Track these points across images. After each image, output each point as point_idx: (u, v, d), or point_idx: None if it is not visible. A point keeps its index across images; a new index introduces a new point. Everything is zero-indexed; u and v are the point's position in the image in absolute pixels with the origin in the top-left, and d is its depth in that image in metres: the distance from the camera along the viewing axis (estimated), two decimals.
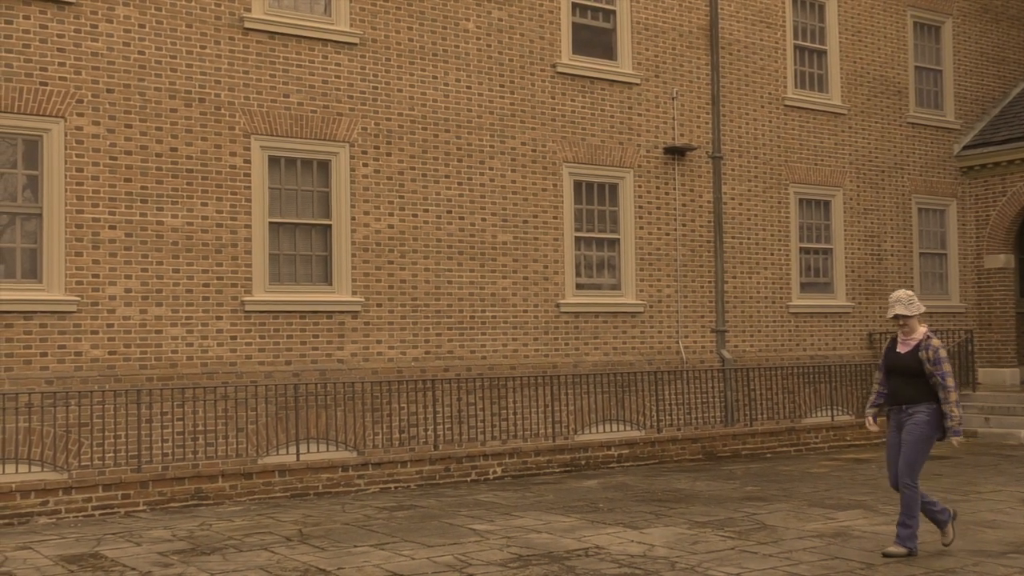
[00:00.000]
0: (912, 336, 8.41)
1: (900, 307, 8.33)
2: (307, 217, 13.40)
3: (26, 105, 11.63)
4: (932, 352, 8.25)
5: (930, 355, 8.24)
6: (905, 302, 8.36)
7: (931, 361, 8.23)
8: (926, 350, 8.27)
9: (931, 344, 8.29)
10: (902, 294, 8.39)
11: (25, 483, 10.26)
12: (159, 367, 12.21)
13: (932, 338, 8.36)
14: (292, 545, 8.89)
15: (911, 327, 8.41)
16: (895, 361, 8.44)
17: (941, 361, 8.22)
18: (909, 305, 8.36)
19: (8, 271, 11.60)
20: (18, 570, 8.08)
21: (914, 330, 8.42)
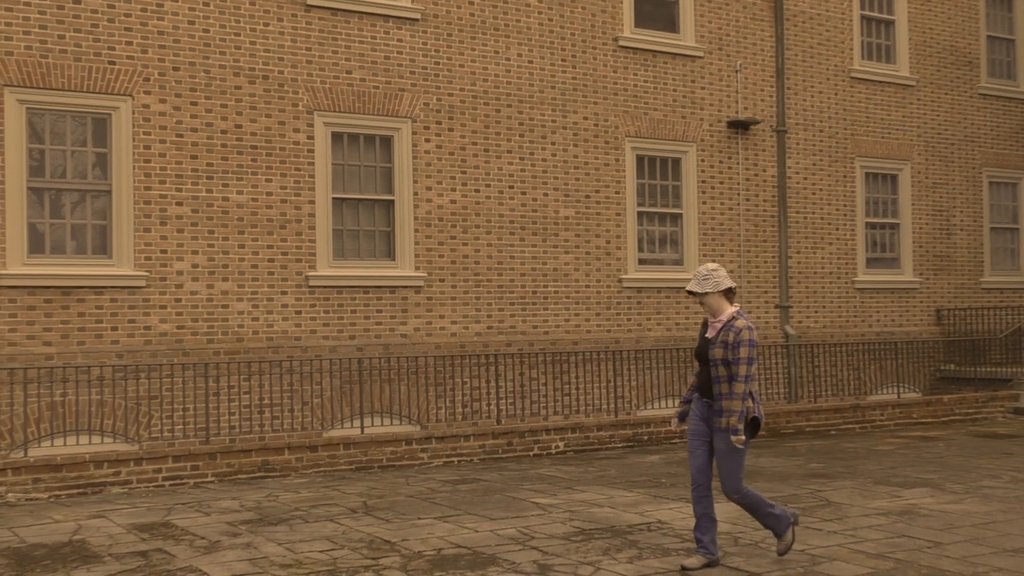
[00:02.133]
0: (719, 318, 7.04)
1: (692, 283, 7.05)
2: (370, 193, 13.48)
3: (95, 84, 11.82)
4: (734, 335, 6.86)
5: (730, 338, 6.87)
6: (700, 277, 7.04)
7: (731, 345, 6.86)
8: (728, 331, 6.91)
9: (734, 326, 6.91)
10: (701, 268, 7.10)
11: (98, 454, 10.48)
12: (226, 341, 12.39)
13: (739, 318, 6.95)
14: (357, 517, 9.00)
15: (713, 307, 7.03)
16: (702, 348, 7.11)
17: (740, 345, 6.82)
18: (703, 281, 7.01)
19: (79, 247, 11.82)
20: (92, 538, 8.27)
21: (720, 310, 7.03)
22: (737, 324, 6.90)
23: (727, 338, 6.89)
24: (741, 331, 6.86)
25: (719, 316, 7.02)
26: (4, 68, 11.35)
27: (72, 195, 11.84)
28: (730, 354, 6.85)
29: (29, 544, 8.09)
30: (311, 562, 7.36)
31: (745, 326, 6.88)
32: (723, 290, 7.01)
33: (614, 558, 7.35)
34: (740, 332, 6.86)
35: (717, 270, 7.05)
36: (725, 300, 7.04)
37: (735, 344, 6.85)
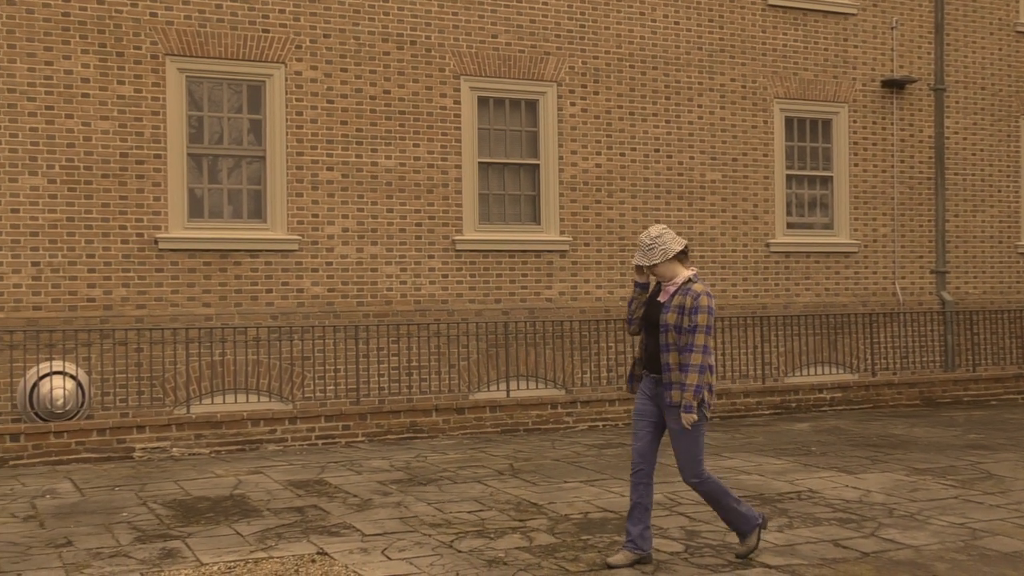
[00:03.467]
0: (673, 281, 6.32)
1: (637, 255, 6.34)
2: (515, 157, 13.50)
3: (250, 52, 12.12)
4: (691, 299, 6.16)
5: (687, 302, 6.17)
6: (644, 248, 6.30)
7: (687, 310, 6.16)
8: (685, 295, 6.21)
9: (691, 289, 6.21)
10: (644, 236, 6.33)
11: (255, 412, 10.84)
12: (375, 304, 12.63)
13: (696, 282, 6.26)
14: (504, 479, 9.09)
15: (665, 275, 6.32)
16: (652, 313, 6.36)
17: (698, 311, 6.12)
18: (649, 251, 6.27)
19: (236, 211, 12.19)
20: (251, 492, 8.57)
21: (674, 274, 6.31)
22: (695, 288, 6.20)
23: (683, 303, 6.17)
24: (699, 296, 6.15)
25: (673, 280, 6.31)
26: (165, 38, 11.73)
27: (228, 161, 12.19)
28: (686, 320, 6.14)
29: (194, 496, 8.44)
30: (460, 522, 7.47)
31: (703, 291, 6.18)
32: (674, 256, 6.27)
33: None
34: (699, 297, 6.15)
35: (661, 235, 6.27)
36: (678, 264, 6.31)
37: (692, 310, 6.13)
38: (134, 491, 8.69)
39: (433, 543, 6.88)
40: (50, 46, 11.29)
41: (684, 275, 6.30)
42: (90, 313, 11.38)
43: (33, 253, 11.21)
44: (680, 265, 6.32)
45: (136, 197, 11.63)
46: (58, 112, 11.32)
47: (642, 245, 6.30)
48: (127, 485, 8.96)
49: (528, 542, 6.89)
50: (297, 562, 6.46)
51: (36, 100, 11.24)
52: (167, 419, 10.47)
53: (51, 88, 11.29)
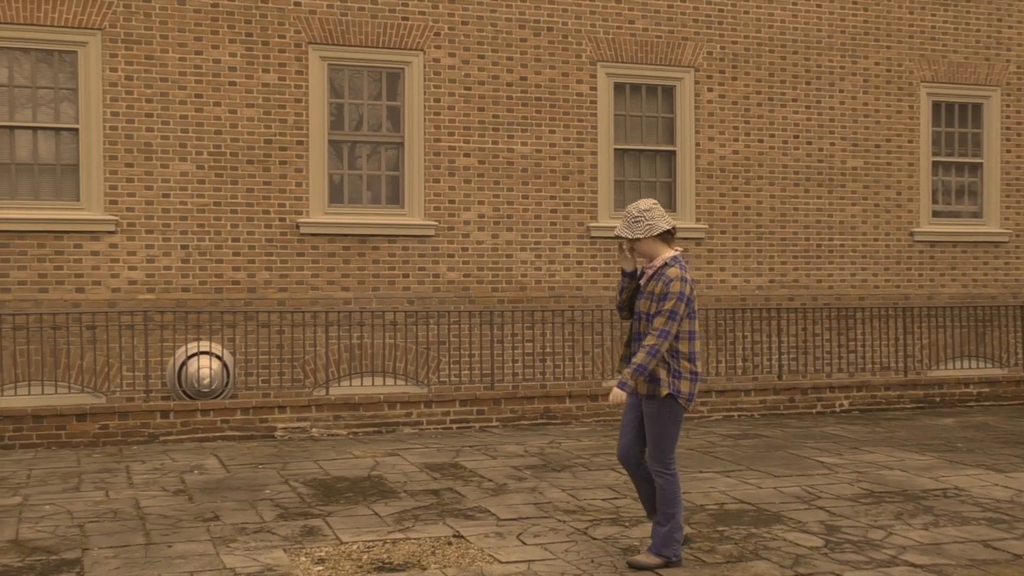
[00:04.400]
0: (652, 264, 5.98)
1: (621, 225, 6.01)
2: (651, 143, 13.38)
3: (389, 40, 12.28)
4: (663, 284, 5.83)
5: (659, 289, 5.85)
6: (630, 219, 5.95)
7: (658, 297, 5.85)
8: (658, 281, 5.88)
9: (664, 274, 5.86)
10: (632, 207, 5.99)
11: (391, 395, 11.02)
12: (509, 290, 12.69)
13: (672, 266, 5.88)
14: None
15: (647, 253, 5.95)
16: (634, 299, 6.13)
17: (668, 297, 5.77)
18: (634, 224, 5.92)
19: (374, 197, 12.39)
20: (388, 474, 8.72)
21: (656, 254, 5.96)
22: (668, 273, 5.83)
23: (654, 288, 5.87)
24: (672, 281, 5.79)
25: (652, 261, 5.97)
26: (308, 27, 11.98)
27: (367, 147, 12.40)
28: (655, 305, 5.84)
29: (333, 476, 8.63)
30: (594, 509, 7.46)
31: (678, 276, 5.80)
32: (659, 234, 5.91)
33: (907, 523, 7.05)
34: (670, 283, 5.79)
35: (651, 210, 5.93)
36: (662, 244, 5.94)
37: (662, 296, 5.81)
38: (276, 469, 8.93)
39: (568, 529, 6.89)
40: (200, 36, 11.65)
41: (663, 257, 5.92)
42: (235, 295, 11.73)
43: (182, 237, 11.61)
44: (664, 246, 5.95)
45: (279, 183, 11.93)
46: (206, 100, 11.68)
47: (627, 217, 5.96)
48: (269, 463, 9.22)
49: None
50: (434, 544, 6.54)
51: (186, 88, 11.62)
52: (307, 400, 10.73)
53: (200, 77, 11.66)
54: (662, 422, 5.93)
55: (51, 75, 11.30)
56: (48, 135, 11.32)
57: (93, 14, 11.29)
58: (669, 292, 5.79)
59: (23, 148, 11.25)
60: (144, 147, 11.49)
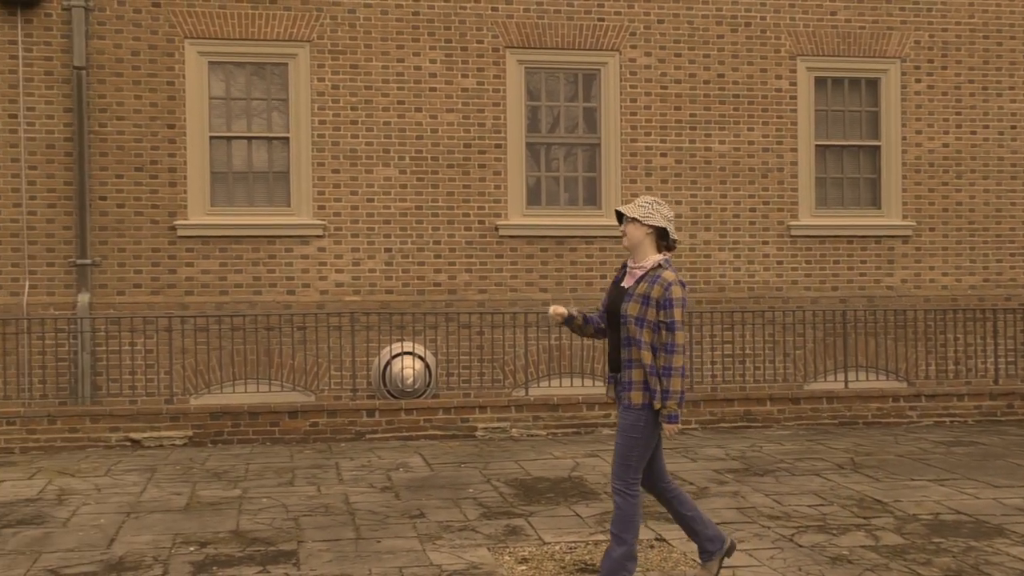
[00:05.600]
0: (639, 263, 5.43)
1: (629, 204, 5.57)
2: (854, 138, 12.95)
3: (585, 41, 12.31)
4: (660, 289, 5.26)
5: (655, 292, 5.27)
6: (640, 202, 5.48)
7: (658, 303, 5.26)
8: (652, 284, 5.30)
9: (660, 277, 5.30)
10: (644, 197, 5.54)
11: (590, 396, 11.04)
12: (708, 291, 12.52)
13: (666, 268, 5.34)
14: (844, 473, 8.76)
15: (634, 242, 5.43)
16: (615, 300, 5.48)
17: (672, 304, 5.24)
18: (639, 206, 5.45)
19: (571, 198, 12.44)
20: (588, 475, 8.74)
21: (643, 251, 5.43)
22: (664, 276, 5.28)
23: (649, 292, 5.28)
24: (671, 286, 5.25)
25: (640, 261, 5.42)
26: (505, 31, 12.14)
27: (562, 149, 12.46)
28: (651, 313, 5.26)
29: (533, 476, 8.71)
30: (799, 516, 7.27)
31: (676, 280, 5.28)
32: (654, 227, 5.40)
33: None
34: (670, 288, 5.25)
35: (660, 205, 5.44)
36: (653, 243, 5.43)
37: (664, 303, 5.25)
38: (478, 468, 9.08)
39: (772, 536, 6.74)
40: (401, 44, 11.97)
41: (654, 259, 5.38)
42: (436, 297, 12.00)
43: (386, 240, 11.95)
44: (654, 247, 5.43)
45: (478, 186, 12.13)
46: (408, 106, 11.99)
47: (638, 200, 5.50)
48: (471, 462, 9.38)
49: (874, 541, 6.60)
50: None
51: (389, 96, 11.95)
52: (507, 400, 10.87)
53: (402, 84, 11.97)
54: (636, 433, 5.36)
55: (263, 87, 11.83)
56: (261, 144, 11.85)
57: (302, 27, 11.76)
58: (671, 299, 5.24)
59: (239, 157, 11.82)
60: (349, 153, 11.89)
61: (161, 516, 7.38)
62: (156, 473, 8.93)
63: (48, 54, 11.34)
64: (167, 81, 11.56)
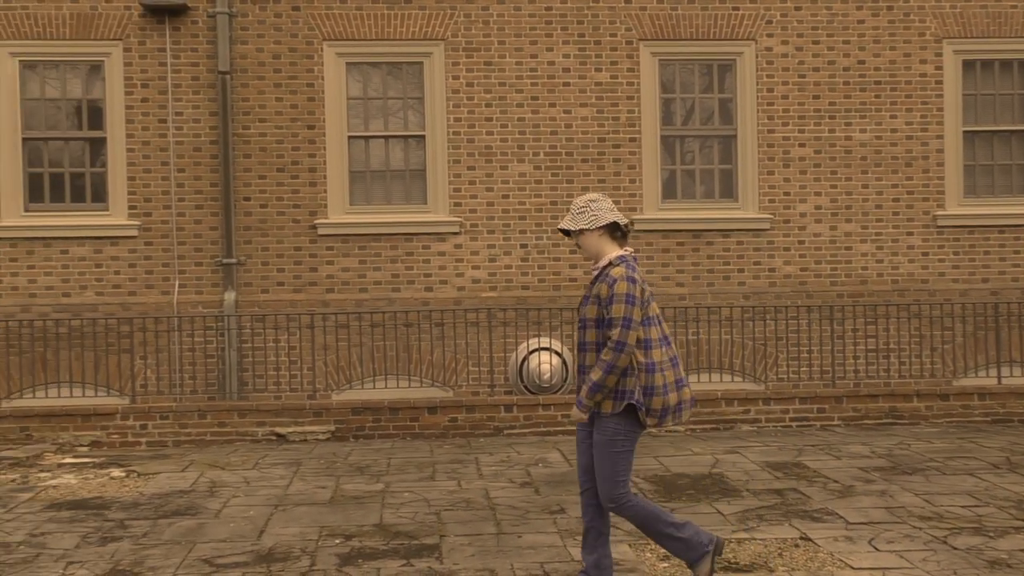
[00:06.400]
0: (598, 263, 5.30)
1: (566, 218, 5.36)
2: (1006, 123, 12.43)
3: (720, 31, 12.12)
4: (607, 287, 5.11)
5: (603, 292, 5.12)
6: (575, 210, 5.31)
7: (603, 301, 5.12)
8: (602, 283, 5.16)
9: (608, 274, 5.16)
10: (576, 199, 5.37)
11: (728, 391, 10.88)
12: (849, 284, 12.20)
13: (617, 265, 5.18)
14: (1000, 473, 8.42)
15: (590, 250, 5.29)
16: (581, 306, 5.35)
17: (613, 300, 5.05)
18: (579, 214, 5.28)
19: (707, 191, 12.28)
20: (728, 472, 8.61)
21: (600, 254, 5.28)
22: (612, 273, 5.13)
23: (599, 291, 5.16)
24: (616, 282, 5.08)
25: (599, 262, 5.29)
26: (639, 23, 12.04)
27: (698, 141, 12.30)
28: (605, 311, 5.10)
29: (673, 473, 8.63)
30: (953, 517, 7.02)
31: (623, 275, 5.09)
32: (603, 227, 5.25)
33: None
34: (615, 284, 5.08)
35: (597, 201, 5.29)
36: (608, 240, 5.27)
37: (608, 300, 5.08)
38: None
39: (924, 537, 6.52)
40: (535, 40, 11.98)
41: (608, 257, 5.25)
42: (572, 292, 11.98)
43: (521, 236, 11.99)
44: (612, 244, 5.28)
45: (613, 180, 12.06)
46: (542, 102, 12.00)
47: (574, 207, 5.34)
48: None
49: None
50: (780, 545, 6.38)
51: (523, 92, 11.98)
52: None
53: (536, 79, 11.99)
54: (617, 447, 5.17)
55: (399, 86, 12.00)
56: (397, 143, 12.02)
57: (437, 26, 11.88)
58: (614, 295, 5.07)
59: (376, 156, 12.01)
60: (484, 150, 11.97)
61: (307, 509, 7.55)
62: (301, 467, 9.14)
63: (195, 60, 11.72)
64: (307, 83, 11.83)
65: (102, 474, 8.92)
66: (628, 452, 5.20)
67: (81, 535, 6.89)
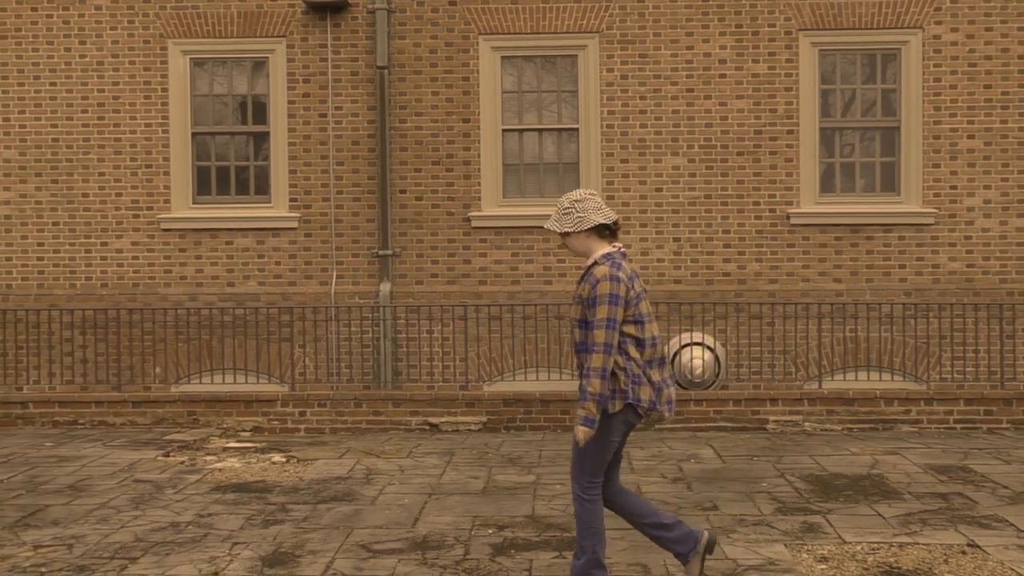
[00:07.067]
0: (586, 263, 5.22)
1: (551, 218, 5.24)
2: None
3: (885, 19, 11.74)
4: (590, 286, 5.02)
5: (586, 292, 5.04)
6: (561, 211, 5.20)
7: (587, 301, 5.02)
8: (585, 283, 5.09)
9: (591, 274, 5.06)
10: (563, 198, 5.23)
11: (888, 391, 10.55)
12: (1020, 281, 11.68)
13: (600, 264, 5.07)
14: None
15: (578, 250, 5.22)
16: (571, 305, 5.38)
17: (596, 301, 4.96)
18: (564, 215, 5.17)
19: (867, 185, 11.91)
20: (889, 473, 8.34)
21: (589, 252, 5.19)
22: (595, 273, 5.04)
23: (583, 291, 5.08)
24: (599, 282, 4.98)
25: (587, 261, 5.22)
26: (799, 13, 11.75)
27: (858, 133, 11.94)
28: (588, 313, 5.02)
29: (830, 473, 8.41)
30: None
31: (605, 275, 4.98)
32: (590, 228, 5.14)
33: None
34: (597, 284, 4.98)
35: (583, 200, 5.17)
36: (596, 239, 5.17)
37: (590, 300, 4.99)
38: (771, 462, 8.86)
39: None
40: (691, 31, 11.83)
41: (594, 256, 5.16)
42: (725, 287, 11.81)
43: (674, 229, 11.87)
44: (600, 243, 5.19)
45: (769, 173, 11.82)
46: (697, 94, 11.84)
47: (558, 207, 5.25)
48: (763, 456, 9.17)
49: None
50: (945, 552, 6.15)
51: (678, 84, 11.85)
52: (799, 393, 10.55)
53: (691, 71, 11.84)
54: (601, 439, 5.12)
55: (552, 79, 12.01)
56: (550, 135, 12.05)
57: (592, 18, 11.84)
58: (597, 295, 4.98)
59: (529, 149, 12.06)
60: (638, 143, 11.88)
61: (460, 498, 7.64)
62: (454, 456, 9.26)
63: (354, 55, 11.98)
64: (462, 77, 11.96)
65: (264, 459, 9.22)
66: (599, 445, 5.14)
67: (245, 517, 7.13)
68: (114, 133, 12.16)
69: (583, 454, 5.15)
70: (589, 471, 5.17)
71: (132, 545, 6.46)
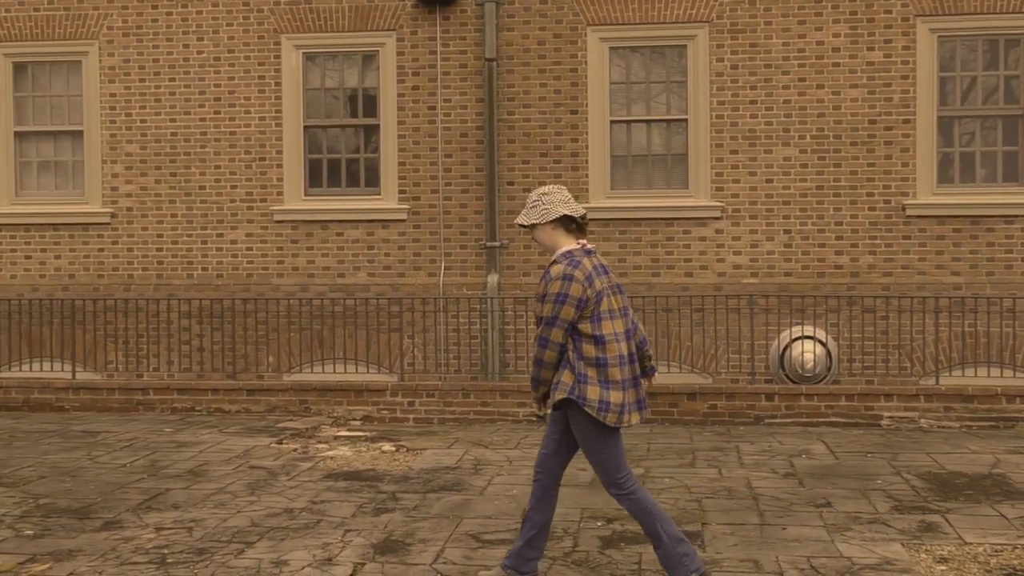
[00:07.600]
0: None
1: (522, 211, 5.30)
2: None
3: (1008, 3, 11.35)
4: (544, 284, 5.13)
5: (542, 290, 5.15)
6: (529, 204, 5.27)
7: (540, 297, 5.15)
8: (542, 280, 5.19)
9: (549, 272, 5.13)
10: (533, 193, 5.29)
11: (1010, 388, 10.22)
12: None
13: (558, 263, 5.12)
14: None
15: (545, 244, 5.28)
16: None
17: (545, 299, 5.09)
18: (531, 208, 5.24)
19: (988, 175, 11.56)
20: (1012, 473, 8.08)
21: (555, 246, 5.24)
22: (552, 271, 5.11)
23: (539, 288, 5.20)
24: (551, 281, 5.07)
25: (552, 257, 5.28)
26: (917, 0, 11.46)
27: (977, 122, 11.58)
28: (538, 309, 5.19)
29: (948, 471, 8.18)
30: None
31: (560, 274, 5.06)
32: (555, 220, 5.19)
33: None
34: (550, 283, 5.08)
35: (548, 194, 5.23)
36: (563, 234, 5.22)
37: (541, 297, 5.14)
38: (886, 459, 8.66)
39: None
40: (803, 19, 11.61)
41: (557, 253, 5.20)
42: (837, 280, 11.57)
43: (785, 221, 11.67)
44: (567, 237, 5.23)
45: (884, 163, 11.55)
46: (809, 83, 11.63)
47: (528, 202, 5.30)
48: (878, 452, 8.97)
49: None
50: None
51: (789, 73, 11.65)
52: (915, 389, 10.28)
53: (803, 60, 11.62)
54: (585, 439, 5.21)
55: (661, 70, 11.91)
56: (658, 127, 11.95)
57: (701, 8, 11.71)
58: (547, 293, 5.10)
59: (637, 140, 11.98)
60: (748, 134, 11.71)
61: (568, 490, 7.63)
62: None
63: (463, 48, 12.05)
64: (570, 68, 11.93)
65: (374, 448, 9.35)
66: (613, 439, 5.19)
67: (357, 505, 7.24)
68: (229, 127, 12.44)
69: (595, 461, 5.24)
70: (611, 470, 5.23)
71: (248, 530, 6.61)
